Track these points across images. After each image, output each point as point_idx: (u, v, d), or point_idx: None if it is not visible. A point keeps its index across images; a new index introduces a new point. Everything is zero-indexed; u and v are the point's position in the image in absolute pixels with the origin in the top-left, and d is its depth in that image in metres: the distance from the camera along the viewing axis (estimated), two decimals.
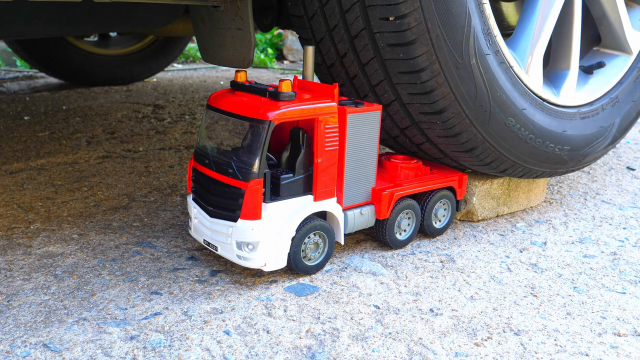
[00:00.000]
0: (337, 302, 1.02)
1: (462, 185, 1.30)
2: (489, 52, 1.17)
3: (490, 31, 1.17)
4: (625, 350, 0.91)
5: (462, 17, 1.11)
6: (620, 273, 1.17)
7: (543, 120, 1.30)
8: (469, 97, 1.17)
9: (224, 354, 0.87)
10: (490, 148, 1.25)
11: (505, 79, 1.21)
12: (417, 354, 0.88)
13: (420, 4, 1.06)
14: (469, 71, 1.15)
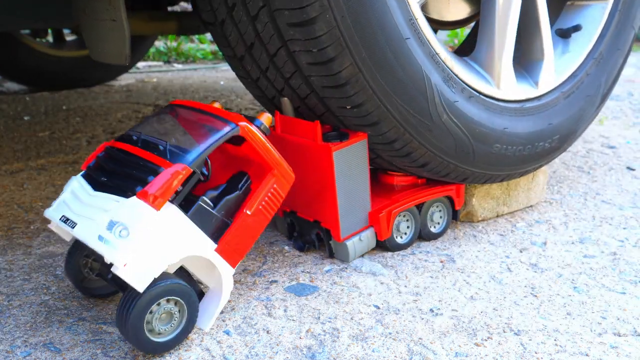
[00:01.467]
0: (337, 302, 1.02)
1: (460, 195, 1.29)
2: (456, 99, 1.15)
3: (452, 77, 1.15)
4: (625, 350, 0.91)
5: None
6: (620, 273, 1.17)
7: (528, 125, 1.28)
8: (448, 149, 1.17)
9: (224, 354, 0.87)
10: (481, 176, 1.27)
11: (478, 112, 1.18)
12: (417, 354, 0.88)
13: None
14: (442, 129, 1.14)
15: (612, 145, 2.24)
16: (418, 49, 1.07)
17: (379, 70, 1.02)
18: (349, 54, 0.98)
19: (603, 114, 2.90)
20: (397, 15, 1.02)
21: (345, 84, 1.01)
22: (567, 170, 1.87)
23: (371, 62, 1.01)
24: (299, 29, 0.96)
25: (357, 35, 0.98)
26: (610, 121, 2.75)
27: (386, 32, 1.01)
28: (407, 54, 1.05)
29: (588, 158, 2.04)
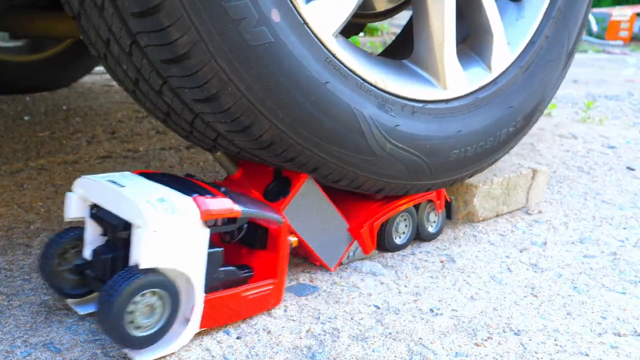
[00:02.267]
0: (337, 302, 1.02)
1: (440, 198, 1.27)
2: (397, 122, 1.06)
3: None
4: (625, 350, 0.91)
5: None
6: (620, 273, 1.17)
7: (485, 117, 1.19)
8: (400, 174, 1.11)
9: (224, 354, 0.87)
10: (446, 182, 1.22)
11: (425, 125, 1.11)
12: (417, 354, 0.88)
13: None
14: (388, 158, 1.07)
15: (612, 145, 2.24)
16: (342, 86, 0.97)
17: (303, 125, 0.94)
18: (265, 118, 0.91)
19: (603, 114, 2.90)
20: (310, 64, 0.93)
21: (270, 144, 0.95)
22: (567, 170, 1.87)
23: (291, 120, 0.93)
24: (206, 104, 0.90)
25: (269, 99, 0.90)
26: (610, 121, 2.75)
27: (301, 87, 0.92)
28: (330, 98, 0.96)
29: (588, 158, 2.04)
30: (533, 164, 1.54)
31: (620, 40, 9.47)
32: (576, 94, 3.59)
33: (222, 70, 0.85)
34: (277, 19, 0.88)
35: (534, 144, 2.19)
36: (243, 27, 0.84)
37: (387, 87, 1.06)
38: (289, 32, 0.90)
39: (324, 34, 0.95)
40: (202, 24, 0.82)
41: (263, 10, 0.86)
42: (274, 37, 0.88)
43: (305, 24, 0.92)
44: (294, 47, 0.90)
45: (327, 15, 0.96)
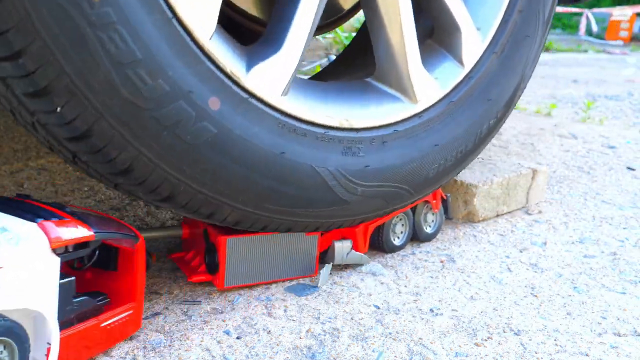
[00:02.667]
0: (337, 302, 1.02)
1: (436, 197, 1.25)
2: (367, 162, 1.00)
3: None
4: (625, 350, 0.91)
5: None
6: (620, 273, 1.17)
7: (464, 118, 1.11)
8: (380, 206, 1.06)
9: (224, 354, 0.87)
10: (426, 194, 1.15)
11: (400, 152, 1.04)
12: (417, 354, 0.88)
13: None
14: (363, 199, 1.02)
15: (612, 145, 2.24)
16: (300, 147, 0.92)
17: (266, 200, 0.92)
18: (226, 204, 0.90)
19: (603, 114, 2.90)
20: (262, 140, 0.88)
21: (237, 223, 0.95)
22: (567, 170, 1.87)
23: (253, 199, 0.91)
24: (162, 202, 0.88)
25: (227, 189, 0.88)
26: (610, 121, 2.76)
27: (257, 167, 0.89)
28: (289, 166, 0.91)
29: (588, 158, 2.04)
30: (533, 164, 1.54)
31: (620, 40, 9.47)
32: (576, 94, 3.59)
33: (170, 175, 0.83)
34: (216, 106, 0.83)
35: (534, 144, 2.19)
36: (181, 130, 0.80)
37: (353, 124, 0.98)
38: (232, 114, 0.85)
39: (273, 98, 0.89)
40: (137, 139, 0.78)
41: (199, 104, 0.81)
42: (217, 127, 0.83)
43: (250, 96, 0.87)
44: (241, 130, 0.86)
45: (274, 78, 0.89)
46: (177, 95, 0.79)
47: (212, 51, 0.82)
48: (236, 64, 0.86)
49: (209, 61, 0.82)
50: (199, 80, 0.81)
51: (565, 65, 5.45)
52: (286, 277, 1.07)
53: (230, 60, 0.85)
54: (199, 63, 0.81)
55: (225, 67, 0.84)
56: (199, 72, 0.81)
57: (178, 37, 0.78)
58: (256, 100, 0.88)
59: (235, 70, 0.85)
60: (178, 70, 0.79)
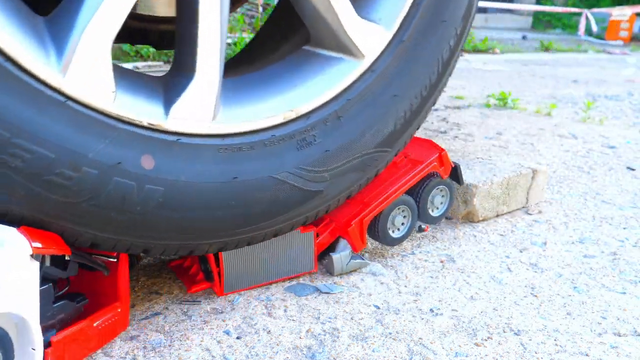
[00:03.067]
0: (337, 302, 1.02)
1: (444, 163, 1.18)
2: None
3: None
4: (625, 350, 0.91)
5: None
6: (620, 273, 1.17)
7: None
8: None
9: (224, 354, 0.87)
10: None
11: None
12: (417, 354, 0.88)
13: None
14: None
15: (612, 145, 2.24)
16: (251, 164, 0.88)
17: (243, 224, 0.90)
18: (206, 243, 0.90)
19: (603, 114, 2.90)
20: (209, 175, 0.84)
21: (220, 249, 0.95)
22: (567, 170, 1.87)
23: (232, 227, 0.90)
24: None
25: (204, 230, 0.88)
26: (610, 121, 2.75)
27: (213, 203, 0.85)
28: (247, 188, 0.88)
29: (588, 158, 2.04)
30: (533, 164, 1.54)
31: (620, 40, 9.48)
32: (576, 94, 3.59)
33: (135, 241, 0.83)
34: (151, 164, 0.79)
35: (534, 144, 2.19)
36: (128, 205, 0.78)
37: (300, 111, 0.92)
38: (170, 162, 0.80)
39: (204, 127, 0.84)
40: (89, 227, 0.78)
41: (134, 171, 0.77)
42: (161, 184, 0.80)
43: (179, 136, 0.81)
44: (185, 174, 0.82)
45: (197, 108, 0.83)
46: (107, 173, 0.75)
47: (121, 112, 0.76)
48: (152, 111, 0.79)
49: (123, 123, 0.76)
50: (122, 147, 0.76)
51: (565, 65, 5.45)
52: (287, 276, 1.07)
53: (144, 109, 0.78)
54: (113, 131, 0.75)
55: (142, 121, 0.77)
56: (118, 139, 0.76)
57: (81, 116, 0.73)
58: (187, 137, 0.82)
59: (153, 119, 0.78)
60: (96, 148, 0.74)
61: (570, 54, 6.99)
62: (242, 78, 0.94)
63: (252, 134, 0.88)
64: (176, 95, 0.81)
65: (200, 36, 0.80)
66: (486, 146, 2.14)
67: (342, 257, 1.10)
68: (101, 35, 0.73)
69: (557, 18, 12.38)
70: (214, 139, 0.84)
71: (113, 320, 0.88)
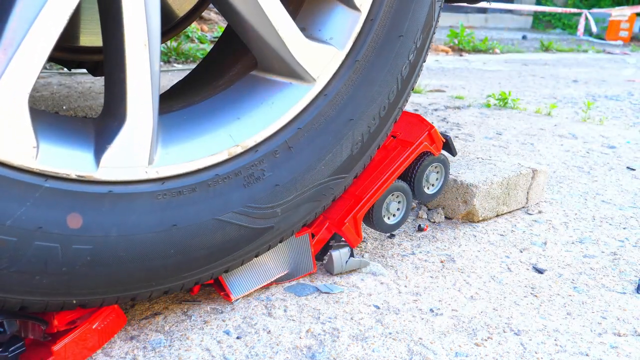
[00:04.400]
0: (337, 302, 1.02)
1: (434, 141, 1.13)
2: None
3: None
4: (625, 350, 0.91)
5: None
6: (620, 273, 1.17)
7: (356, 104, 0.96)
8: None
9: (224, 354, 0.87)
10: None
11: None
12: (417, 354, 0.88)
13: None
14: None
15: (612, 145, 2.24)
16: (192, 208, 0.82)
17: (183, 270, 0.86)
18: (142, 292, 0.85)
19: (603, 114, 2.90)
20: (148, 226, 0.79)
21: (166, 293, 0.90)
22: (567, 170, 1.87)
23: (189, 270, 0.86)
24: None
25: (133, 285, 0.83)
26: (610, 121, 2.75)
27: (154, 259, 0.81)
28: (190, 235, 0.83)
29: (588, 158, 2.04)
30: (533, 164, 1.54)
31: (620, 40, 9.48)
32: (576, 94, 3.59)
33: (67, 299, 0.78)
34: (78, 223, 0.72)
35: (534, 144, 2.19)
36: (52, 267, 0.72)
37: (247, 144, 0.86)
38: (99, 218, 0.74)
39: (139, 174, 0.77)
40: (14, 293, 0.72)
41: (58, 232, 0.71)
42: (90, 243, 0.74)
43: (111, 185, 0.75)
44: (117, 228, 0.76)
45: (130, 155, 0.76)
46: (27, 239, 0.68)
47: (45, 167, 0.69)
48: (81, 161, 0.72)
49: (47, 180, 0.69)
50: (45, 208, 0.69)
51: (565, 65, 5.45)
52: (287, 280, 1.07)
53: (72, 160, 0.71)
54: (35, 191, 0.68)
55: (69, 174, 0.71)
56: (41, 200, 0.69)
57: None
58: (121, 187, 0.75)
59: (82, 170, 0.72)
60: (15, 214, 0.67)
61: (570, 54, 6.99)
62: (183, 112, 0.87)
63: (193, 174, 0.81)
64: (107, 141, 0.74)
65: (129, 78, 0.73)
66: (486, 146, 2.14)
67: (341, 255, 1.11)
68: (16, 87, 0.65)
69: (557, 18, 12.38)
70: (152, 185, 0.77)
71: (111, 319, 0.88)
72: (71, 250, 0.72)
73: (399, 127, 1.18)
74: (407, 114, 1.19)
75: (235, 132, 0.85)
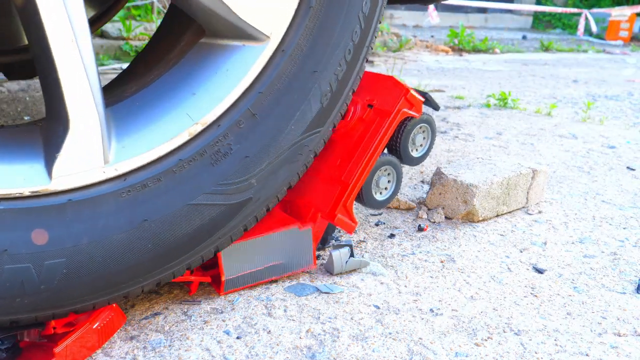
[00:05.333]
0: (337, 302, 1.02)
1: (413, 104, 1.08)
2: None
3: None
4: (625, 350, 0.91)
5: None
6: (620, 273, 1.17)
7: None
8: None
9: (224, 354, 0.87)
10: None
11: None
12: (417, 354, 0.88)
13: None
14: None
15: (612, 145, 2.24)
16: (163, 198, 0.79)
17: (173, 257, 0.85)
18: (140, 286, 0.85)
19: (603, 114, 2.90)
20: (119, 225, 0.76)
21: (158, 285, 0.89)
22: (567, 170, 1.87)
23: (160, 270, 0.85)
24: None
25: (127, 281, 0.83)
26: (610, 121, 2.75)
27: (131, 253, 0.79)
28: (166, 226, 0.80)
29: (588, 158, 2.04)
30: (533, 164, 1.54)
31: (620, 40, 9.48)
32: (576, 94, 3.59)
33: (55, 312, 0.78)
34: (44, 239, 0.70)
35: (534, 144, 2.19)
36: (29, 287, 0.71)
37: (208, 119, 0.81)
38: (66, 229, 0.72)
39: (98, 175, 0.74)
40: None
41: (26, 251, 0.69)
42: (62, 255, 0.72)
43: (70, 193, 0.72)
44: (88, 234, 0.73)
45: (85, 158, 0.73)
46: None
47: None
48: (33, 175, 0.69)
49: (0, 202, 0.67)
50: (5, 230, 0.68)
51: (565, 65, 5.44)
52: (286, 274, 1.07)
53: (23, 177, 0.69)
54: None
55: (22, 192, 0.68)
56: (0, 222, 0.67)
57: None
58: (80, 193, 0.72)
59: (36, 185, 0.69)
60: None
61: (570, 54, 6.99)
62: (135, 97, 0.82)
63: (156, 164, 0.77)
64: (56, 149, 0.70)
65: (63, 78, 0.68)
66: (486, 146, 2.14)
67: (341, 255, 1.11)
68: None
69: (557, 18, 12.38)
70: (113, 184, 0.74)
71: (110, 318, 0.88)
72: (45, 267, 0.70)
73: (374, 94, 1.11)
74: (380, 77, 1.13)
75: (193, 110, 0.80)
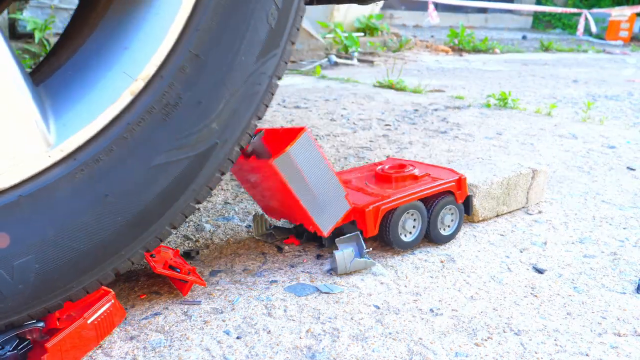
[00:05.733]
0: (337, 302, 1.02)
1: (461, 188, 1.26)
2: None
3: None
4: (625, 350, 0.91)
5: None
6: (620, 273, 1.17)
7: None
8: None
9: (224, 354, 0.87)
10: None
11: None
12: (417, 354, 0.88)
13: None
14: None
15: (612, 145, 2.24)
16: (115, 171, 0.74)
17: (154, 220, 0.82)
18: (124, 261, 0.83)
19: (603, 114, 2.90)
20: (82, 207, 0.73)
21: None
22: (567, 170, 1.87)
23: (144, 238, 0.82)
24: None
25: (114, 252, 0.80)
26: (610, 121, 2.75)
27: (105, 229, 0.76)
28: (131, 194, 0.77)
29: (588, 158, 2.04)
30: (533, 164, 1.54)
31: (620, 40, 9.48)
32: (576, 94, 3.59)
33: (47, 306, 0.77)
34: (5, 242, 0.68)
35: (534, 144, 2.19)
36: (7, 291, 0.70)
37: (148, 71, 0.76)
38: (33, 218, 0.69)
39: (41, 164, 0.69)
40: None
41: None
42: (32, 253, 0.70)
43: (18, 190, 0.68)
44: (55, 224, 0.70)
45: (18, 155, 0.68)
46: None
47: None
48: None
49: None
50: None
51: (565, 65, 5.44)
52: (310, 215, 1.08)
53: None
54: None
55: None
56: None
57: None
58: (29, 185, 0.68)
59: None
60: None
61: (570, 54, 6.99)
62: (67, 66, 0.75)
63: (103, 134, 0.72)
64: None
65: None
66: (486, 146, 2.14)
67: (345, 255, 1.11)
68: None
69: (557, 18, 12.38)
70: (63, 167, 0.69)
71: (108, 313, 0.87)
72: (16, 268, 0.68)
73: (434, 172, 1.30)
74: (442, 167, 1.33)
75: (129, 66, 0.73)
